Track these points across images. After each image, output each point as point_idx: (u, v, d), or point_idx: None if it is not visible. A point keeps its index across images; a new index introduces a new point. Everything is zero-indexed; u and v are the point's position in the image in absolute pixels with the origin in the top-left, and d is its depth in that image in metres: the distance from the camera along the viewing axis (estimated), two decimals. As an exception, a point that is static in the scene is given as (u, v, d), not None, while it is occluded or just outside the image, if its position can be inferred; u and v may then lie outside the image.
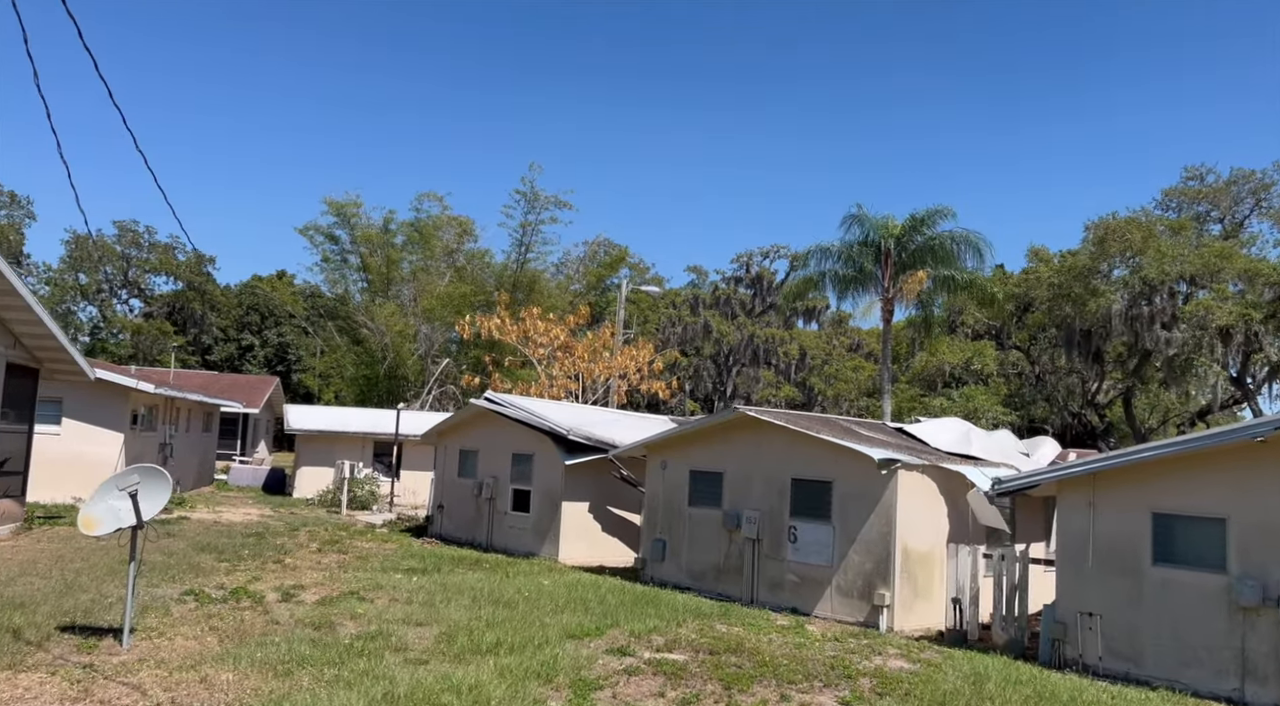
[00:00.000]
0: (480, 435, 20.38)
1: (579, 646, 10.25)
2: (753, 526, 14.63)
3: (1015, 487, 12.18)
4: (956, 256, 26.55)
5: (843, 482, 13.68)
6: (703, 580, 15.38)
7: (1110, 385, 36.64)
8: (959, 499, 13.90)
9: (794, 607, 13.94)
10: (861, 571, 13.30)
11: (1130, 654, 10.68)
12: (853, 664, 10.30)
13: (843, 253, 27.94)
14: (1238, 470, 10.23)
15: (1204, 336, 28.95)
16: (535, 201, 46.47)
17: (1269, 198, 35.48)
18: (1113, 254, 31.67)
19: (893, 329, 35.41)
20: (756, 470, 14.85)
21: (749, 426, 15.07)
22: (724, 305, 57.61)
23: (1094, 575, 11.09)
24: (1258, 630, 9.86)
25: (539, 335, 29.43)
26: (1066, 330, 33.45)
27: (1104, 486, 11.15)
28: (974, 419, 28.27)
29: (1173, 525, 10.61)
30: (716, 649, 10.55)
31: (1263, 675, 9.77)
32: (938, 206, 26.51)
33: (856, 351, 54.41)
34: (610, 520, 18.76)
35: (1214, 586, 10.20)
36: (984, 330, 43.49)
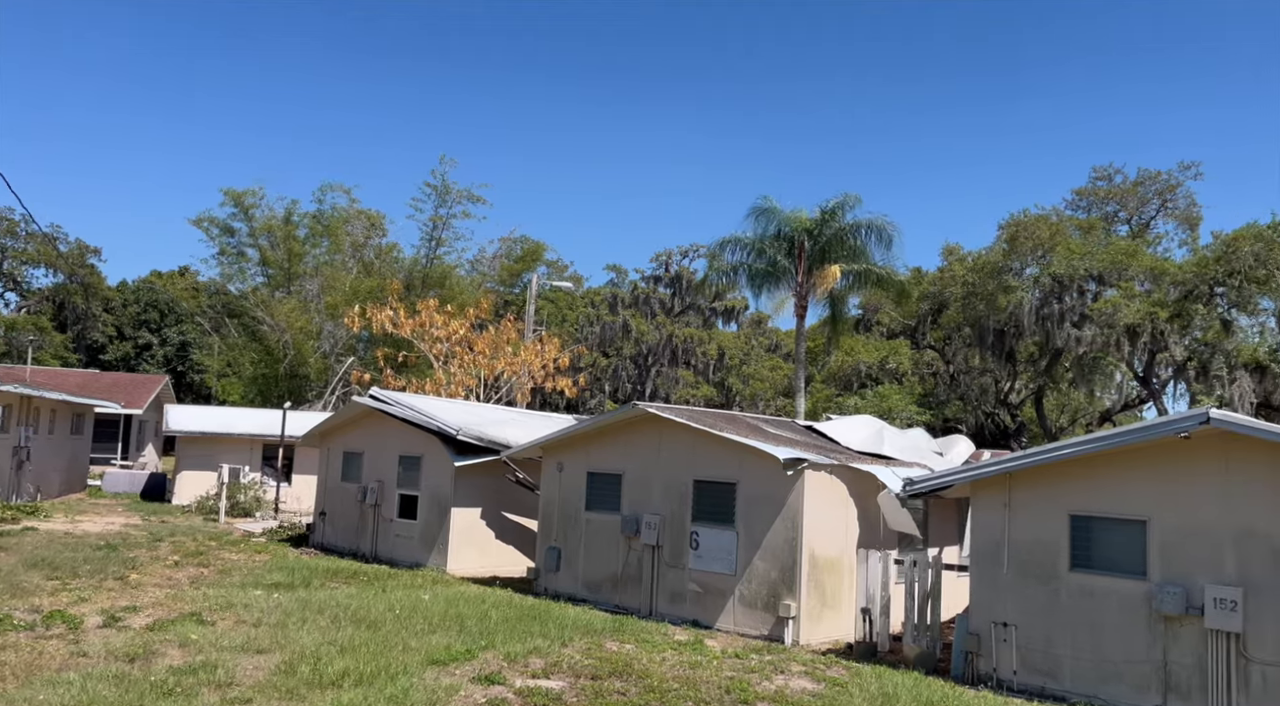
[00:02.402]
0: (365, 436, 18.87)
1: (441, 674, 8.99)
2: (653, 532, 13.55)
3: (928, 488, 11.37)
4: (867, 246, 26.05)
5: (747, 484, 12.70)
6: (599, 591, 14.23)
7: (1022, 384, 36.86)
8: (870, 501, 13.06)
9: (695, 620, 12.90)
10: (766, 580, 12.34)
11: (1047, 667, 9.91)
12: (751, 686, 9.28)
13: (755, 245, 27.22)
14: (1160, 469, 9.56)
15: (1112, 334, 29.12)
16: (447, 195, 44.80)
17: (1174, 199, 36.26)
18: (1024, 251, 31.76)
19: (809, 328, 34.98)
20: (657, 471, 13.79)
21: (650, 424, 14.00)
22: (643, 304, 56.71)
23: (1009, 582, 10.31)
24: (1180, 641, 9.16)
25: (437, 329, 27.92)
26: (979, 329, 33.43)
27: (1020, 487, 10.39)
28: (889, 418, 27.82)
29: (1091, 528, 9.88)
30: (600, 673, 9.41)
31: (1185, 689, 9.07)
32: (845, 195, 26.02)
33: (775, 351, 54.09)
34: (505, 526, 17.47)
35: (1134, 594, 9.49)
36: (899, 329, 43.48)
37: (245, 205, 46.21)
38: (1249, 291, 28.57)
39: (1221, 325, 29.75)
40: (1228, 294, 29.24)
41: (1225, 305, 29.88)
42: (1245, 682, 8.77)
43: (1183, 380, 31.63)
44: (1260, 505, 8.92)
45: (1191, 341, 29.81)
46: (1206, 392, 29.47)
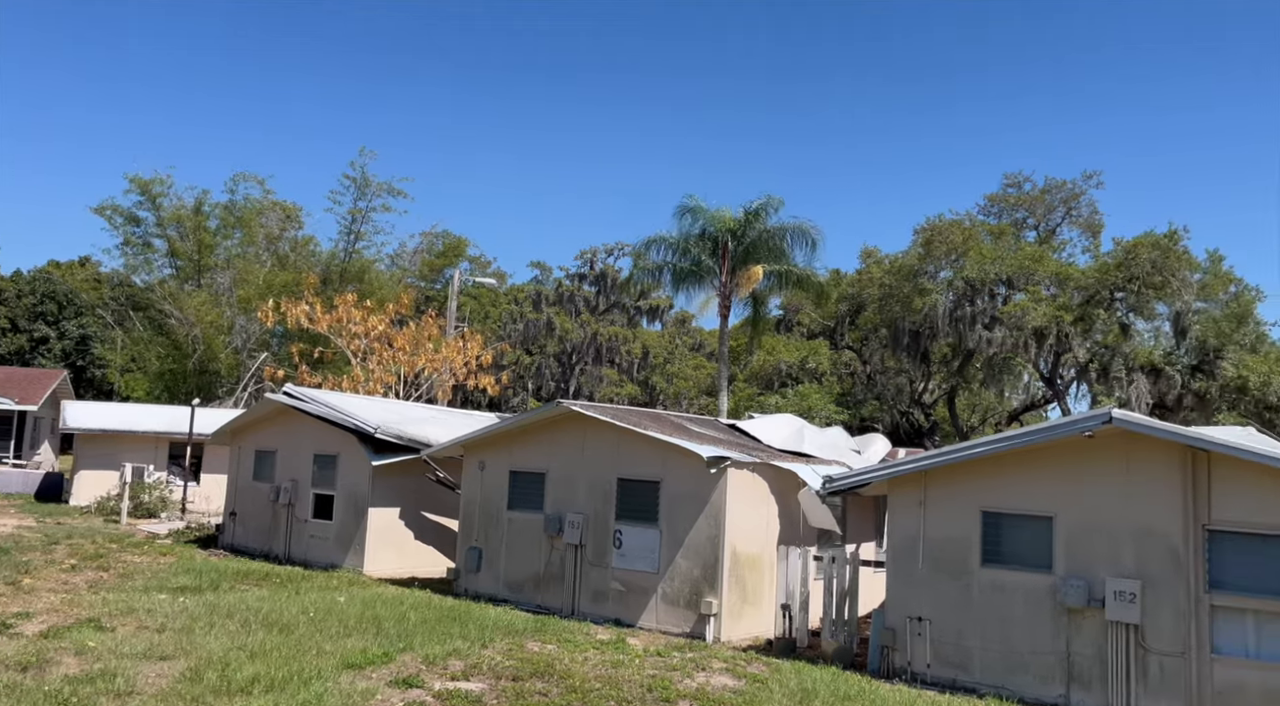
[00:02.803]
0: (279, 434, 18.30)
1: (357, 678, 8.75)
2: (576, 531, 13.48)
3: (847, 486, 11.58)
4: (790, 248, 26.44)
5: (671, 483, 12.74)
6: (521, 591, 14.09)
7: (936, 384, 37.95)
8: (790, 498, 13.24)
9: (618, 619, 12.88)
10: (689, 578, 12.39)
11: (958, 660, 10.20)
12: (673, 684, 9.30)
13: (680, 245, 27.35)
14: (1065, 467, 9.92)
15: (1020, 337, 30.21)
16: (366, 187, 43.77)
17: (1078, 206, 37.82)
18: (939, 255, 32.70)
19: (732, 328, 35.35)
20: (581, 470, 13.72)
21: (574, 422, 13.92)
22: (568, 302, 56.47)
23: (924, 578, 10.57)
24: (1083, 632, 9.53)
25: (355, 325, 27.25)
26: (895, 330, 34.27)
27: (935, 484, 10.66)
28: (809, 417, 28.30)
29: (1002, 524, 10.20)
30: (522, 674, 9.30)
31: (1087, 680, 9.44)
32: (768, 197, 26.34)
33: (699, 351, 54.51)
34: (424, 526, 17.16)
35: (1041, 587, 9.83)
36: (819, 330, 44.28)
37: (152, 193, 44.37)
38: (1146, 297, 29.98)
39: (1120, 329, 31.14)
40: (1127, 299, 30.63)
41: (1124, 310, 31.29)
42: (1143, 672, 9.17)
43: (1085, 381, 32.99)
44: (1158, 501, 9.34)
45: (1093, 344, 31.13)
46: (1107, 393, 30.80)
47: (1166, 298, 29.91)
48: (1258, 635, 8.80)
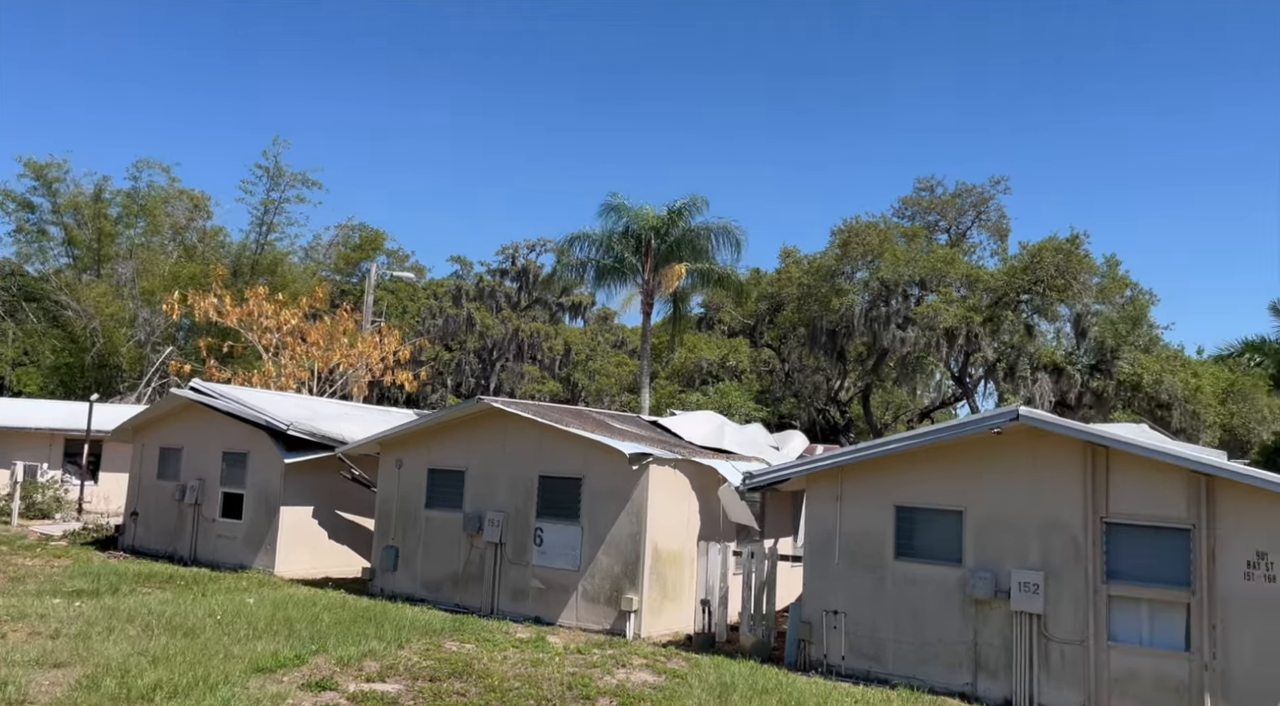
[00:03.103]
0: (185, 431, 17.61)
1: (267, 682, 8.49)
2: (496, 529, 13.34)
3: (766, 481, 11.74)
4: (714, 248, 26.72)
5: (593, 479, 12.72)
6: (439, 590, 13.88)
7: (851, 382, 38.79)
8: (711, 494, 13.36)
9: (538, 617, 12.80)
10: (610, 575, 12.40)
11: (872, 652, 10.44)
12: (593, 681, 9.29)
13: (603, 242, 27.36)
14: (974, 463, 10.24)
15: (933, 337, 31.11)
16: (280, 178, 42.53)
17: (987, 211, 39.22)
18: (855, 256, 33.45)
19: (655, 325, 35.47)
20: (502, 467, 13.59)
21: (495, 419, 13.78)
22: (488, 298, 55.86)
23: (840, 571, 10.78)
24: (990, 623, 9.87)
25: (267, 319, 26.41)
26: (813, 329, 34.91)
27: (850, 480, 10.89)
28: (729, 414, 28.60)
29: (914, 518, 10.48)
30: (439, 674, 9.17)
31: (994, 668, 9.78)
32: (693, 197, 26.55)
33: (621, 348, 54.59)
34: (339, 526, 16.76)
35: (951, 580, 10.14)
36: (739, 328, 44.81)
37: (48, 178, 42.28)
38: (1050, 299, 31.21)
39: (1026, 330, 32.35)
40: (1032, 301, 31.82)
41: (1029, 311, 32.50)
42: (1045, 660, 9.54)
43: (993, 380, 34.15)
44: (1061, 495, 9.72)
45: (1000, 344, 32.26)
46: (1013, 392, 31.96)
47: (1068, 300, 31.19)
48: (1151, 623, 9.24)
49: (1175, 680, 8.99)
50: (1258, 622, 8.75)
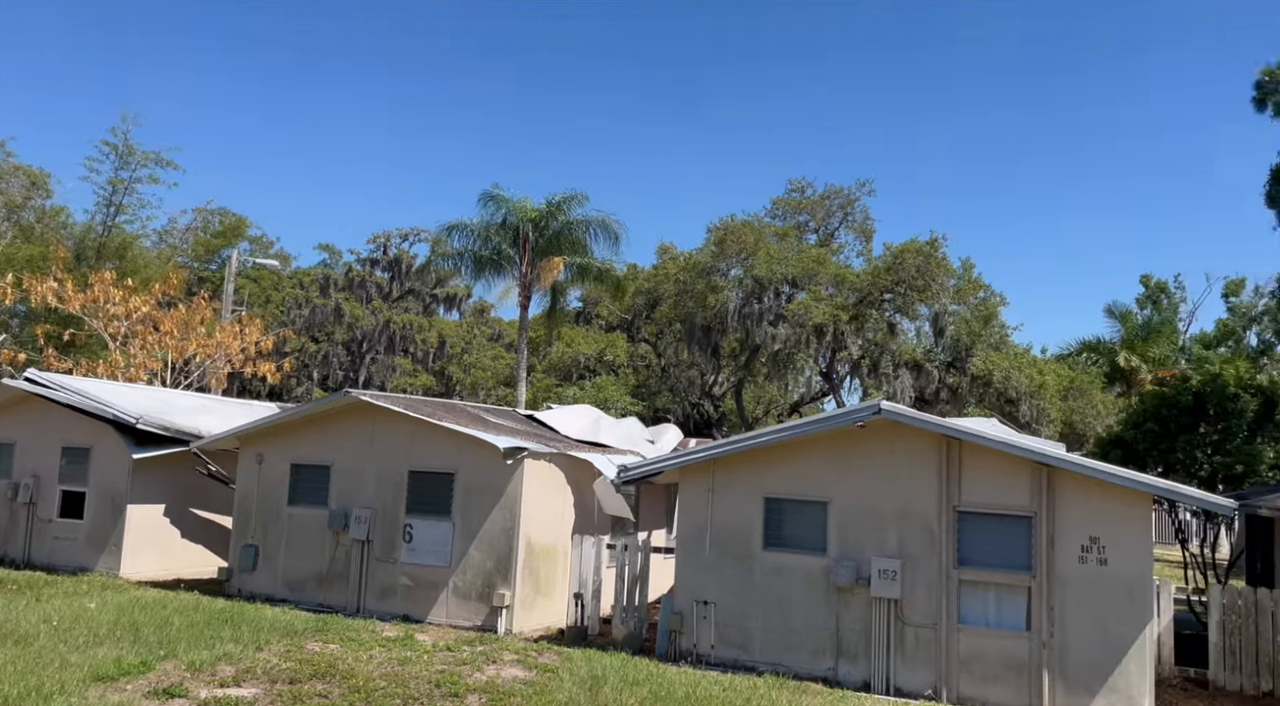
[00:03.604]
0: (18, 424, 16.30)
1: (109, 691, 7.97)
2: (363, 526, 12.94)
3: (640, 474, 11.82)
4: (593, 242, 26.78)
5: (466, 474, 12.51)
6: (302, 590, 13.36)
7: (725, 377, 39.62)
8: (586, 488, 13.37)
9: (406, 615, 12.51)
10: (482, 570, 12.23)
11: (740, 640, 10.69)
12: (462, 678, 9.15)
13: (481, 233, 26.96)
14: (839, 455, 10.61)
15: (803, 333, 32.12)
16: (130, 156, 39.79)
17: (853, 212, 40.78)
18: (730, 254, 34.16)
19: (532, 319, 35.20)
20: (370, 462, 13.19)
21: (363, 413, 13.35)
22: (359, 288, 54.15)
23: (711, 562, 10.98)
24: (851, 609, 10.26)
25: (114, 306, 24.72)
26: (689, 325, 35.45)
27: (723, 472, 11.10)
28: (605, 408, 28.72)
29: (783, 509, 10.78)
30: (300, 676, 8.83)
31: (854, 653, 10.18)
32: (573, 192, 26.54)
33: (498, 341, 53.93)
34: (194, 525, 15.90)
35: (816, 569, 10.48)
36: (617, 323, 45.05)
37: None
38: (911, 298, 32.74)
39: (889, 328, 33.84)
40: (894, 300, 33.30)
41: (892, 310, 34.00)
42: (901, 643, 10.00)
43: (858, 376, 35.57)
44: (918, 485, 10.19)
45: (865, 341, 33.62)
46: (876, 387, 33.37)
47: (928, 300, 32.79)
48: (996, 606, 9.82)
49: (1017, 658, 9.58)
50: (1091, 603, 9.42)
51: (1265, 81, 18.86)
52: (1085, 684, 9.34)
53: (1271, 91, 18.72)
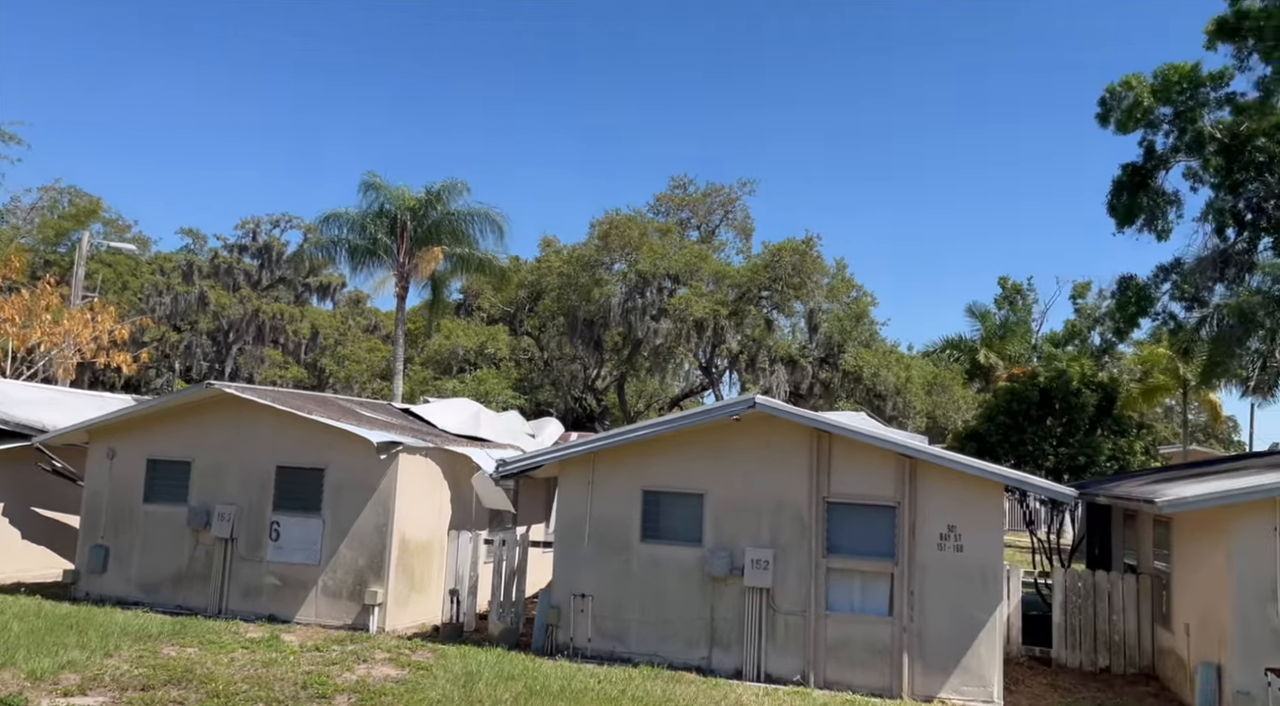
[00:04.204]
0: None
1: (-64, 708, 7.35)
2: (226, 524, 12.37)
3: (520, 469, 11.73)
4: (474, 233, 26.35)
5: (337, 469, 12.13)
6: (158, 592, 12.67)
7: (608, 371, 39.76)
8: (464, 483, 13.18)
9: (272, 615, 12.03)
10: (354, 568, 11.89)
11: (617, 633, 10.77)
12: (331, 679, 8.88)
13: (358, 221, 26.13)
14: (716, 448, 10.82)
15: (684, 328, 32.60)
16: (-35, 129, 36.68)
17: (734, 211, 41.64)
18: (615, 249, 34.30)
19: (411, 310, 34.37)
20: (235, 458, 12.62)
21: (228, 406, 12.76)
22: (225, 275, 51.67)
23: (589, 555, 11.01)
24: (725, 599, 10.49)
25: (-54, 290, 22.81)
26: (572, 318, 35.41)
27: (602, 465, 11.14)
28: (486, 401, 28.36)
29: (660, 502, 10.91)
30: (154, 682, 8.38)
31: (727, 642, 10.41)
32: (453, 180, 26.05)
33: (374, 332, 52.46)
34: (36, 525, 14.84)
35: (691, 560, 10.66)
36: (499, 315, 44.54)
37: None
38: (787, 296, 33.68)
39: (766, 324, 34.72)
40: (772, 297, 34.18)
41: (769, 307, 34.91)
42: (772, 631, 10.29)
43: (736, 370, 36.37)
44: (791, 477, 10.50)
45: (743, 337, 34.38)
46: (753, 382, 34.19)
47: (803, 297, 33.80)
48: (861, 593, 10.23)
49: (880, 643, 10.01)
50: (947, 588, 9.93)
51: (1108, 98, 20.26)
52: (941, 665, 9.84)
53: (1114, 108, 20.11)
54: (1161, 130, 20.36)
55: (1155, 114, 20.08)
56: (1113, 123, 20.27)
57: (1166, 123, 20.22)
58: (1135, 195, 20.42)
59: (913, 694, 9.83)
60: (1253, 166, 19.21)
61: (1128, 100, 19.90)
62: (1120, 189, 20.67)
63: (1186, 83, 19.62)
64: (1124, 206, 20.52)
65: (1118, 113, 20.06)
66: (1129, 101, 19.88)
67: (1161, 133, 20.39)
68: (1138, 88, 19.84)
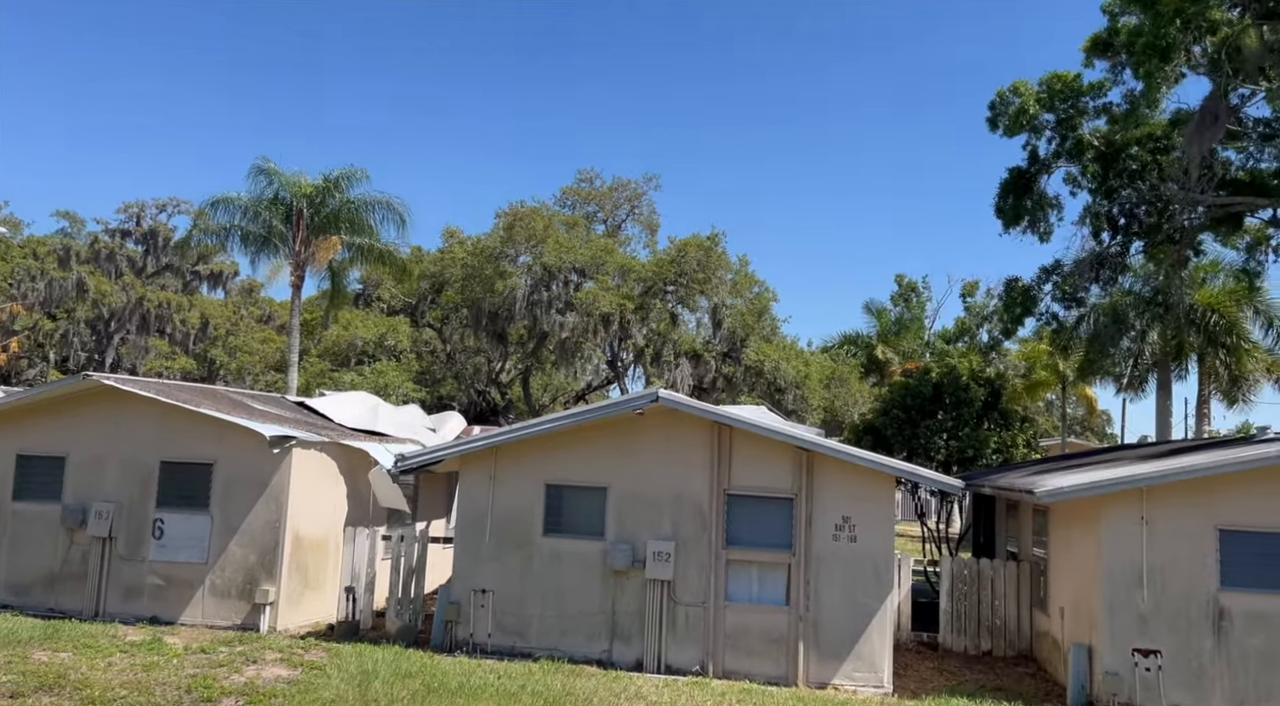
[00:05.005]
0: None
1: None
2: (104, 522, 11.77)
3: (420, 464, 11.52)
4: (375, 222, 25.64)
5: (227, 464, 11.67)
6: (28, 594, 11.96)
7: (512, 365, 39.39)
8: (361, 478, 12.87)
9: (155, 617, 11.52)
10: (244, 566, 11.47)
11: (518, 628, 10.70)
12: (217, 681, 8.56)
13: (251, 208, 25.09)
14: (619, 442, 10.85)
15: (590, 322, 32.55)
16: None
17: (640, 205, 41.80)
18: (520, 241, 33.96)
19: (307, 300, 33.28)
20: (114, 453, 12.01)
21: (106, 398, 12.13)
22: (106, 261, 49.10)
23: (490, 551, 10.91)
24: (626, 592, 10.54)
25: None
26: (476, 311, 34.91)
27: (505, 460, 11.05)
28: (385, 395, 27.75)
29: (563, 496, 10.89)
30: (23, 690, 7.92)
31: (628, 634, 10.47)
32: (351, 168, 25.18)
33: (268, 323, 50.65)
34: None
35: (594, 553, 10.68)
36: (400, 307, 43.57)
37: None
38: (692, 291, 34.03)
39: (671, 318, 35.00)
40: (677, 292, 34.46)
41: (675, 302, 35.18)
42: (673, 623, 10.40)
43: (641, 364, 36.51)
44: (692, 470, 10.61)
45: (649, 331, 34.57)
46: (658, 376, 34.41)
47: (708, 292, 34.20)
48: (760, 583, 10.43)
49: (777, 632, 10.24)
50: (842, 578, 10.22)
51: (997, 103, 21.17)
52: (835, 652, 10.13)
53: (1002, 112, 21.02)
54: (1045, 136, 21.38)
55: (1039, 120, 21.06)
56: (1001, 127, 21.17)
57: (1049, 129, 21.24)
58: (1020, 198, 21.40)
59: (808, 681, 10.08)
60: (1126, 174, 20.37)
61: (1015, 105, 20.81)
62: (1007, 191, 21.62)
63: (1069, 92, 20.65)
64: (1010, 208, 21.47)
65: (1006, 117, 20.96)
66: (1016, 107, 20.79)
67: (1045, 138, 21.42)
68: (1025, 94, 20.76)
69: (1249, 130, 19.51)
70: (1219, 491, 9.48)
